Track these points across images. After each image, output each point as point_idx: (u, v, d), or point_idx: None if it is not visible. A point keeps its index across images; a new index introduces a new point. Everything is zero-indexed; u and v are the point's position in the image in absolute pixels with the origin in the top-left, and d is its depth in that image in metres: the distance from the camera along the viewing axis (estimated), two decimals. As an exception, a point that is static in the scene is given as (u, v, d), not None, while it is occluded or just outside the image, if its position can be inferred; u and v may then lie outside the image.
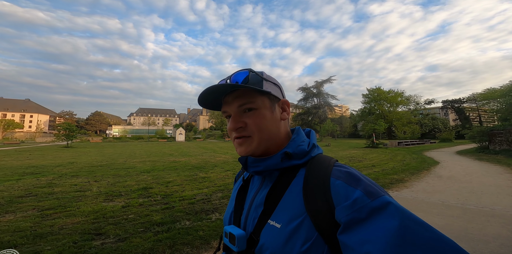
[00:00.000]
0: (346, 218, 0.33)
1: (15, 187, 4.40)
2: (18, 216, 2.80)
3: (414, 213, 0.33)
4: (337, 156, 11.09)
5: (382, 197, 0.34)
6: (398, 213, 0.32)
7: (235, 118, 0.46)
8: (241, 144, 0.45)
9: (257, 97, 0.45)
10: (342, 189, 0.36)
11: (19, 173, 6.26)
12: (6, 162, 9.13)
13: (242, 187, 0.52)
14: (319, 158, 0.45)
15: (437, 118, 45.42)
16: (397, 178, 5.54)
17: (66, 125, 22.89)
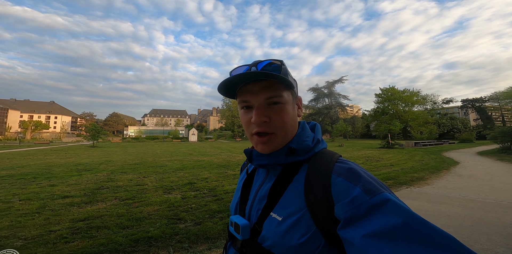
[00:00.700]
0: (345, 215, 0.34)
1: (84, 181, 5.18)
2: (109, 204, 3.44)
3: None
4: (352, 156, 11.32)
5: (381, 194, 0.34)
6: (397, 210, 0.32)
7: (260, 111, 0.43)
8: (265, 143, 0.44)
9: (285, 91, 0.44)
10: (342, 186, 0.37)
11: (74, 169, 7.16)
12: (52, 160, 10.24)
13: (247, 179, 0.53)
14: (322, 153, 0.45)
15: (456, 118, 43.60)
16: (417, 176, 5.83)
17: (92, 126, 24.58)
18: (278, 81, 0.43)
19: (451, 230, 2.49)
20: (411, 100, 39.72)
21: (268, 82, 0.43)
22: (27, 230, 2.42)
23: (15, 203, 3.38)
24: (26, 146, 23.41)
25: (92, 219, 2.77)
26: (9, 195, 3.85)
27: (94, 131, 23.97)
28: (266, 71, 0.40)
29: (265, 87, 0.43)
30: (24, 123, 47.25)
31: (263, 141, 0.44)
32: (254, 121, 0.43)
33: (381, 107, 42.02)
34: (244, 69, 0.45)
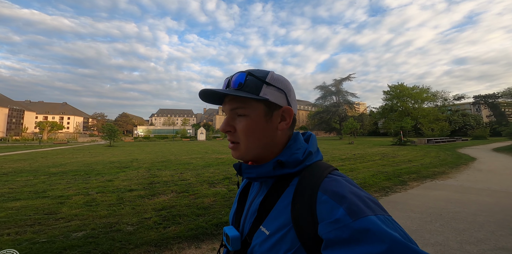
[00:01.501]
0: (327, 235, 0.33)
1: (133, 177, 5.70)
2: (170, 196, 3.89)
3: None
4: (367, 153, 11.56)
5: (365, 217, 0.32)
6: (383, 237, 0.29)
7: (226, 120, 0.46)
8: (232, 149, 0.47)
9: (251, 103, 0.44)
10: (327, 205, 0.35)
11: (112, 166, 7.77)
12: (84, 158, 10.95)
13: (243, 190, 0.55)
14: (315, 166, 0.43)
15: (469, 114, 42.75)
16: (438, 171, 6.11)
17: (109, 127, 25.53)
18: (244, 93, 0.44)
19: (485, 214, 2.83)
20: (421, 97, 39.13)
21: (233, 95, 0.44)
22: (126, 218, 2.87)
23: (94, 195, 3.90)
24: (47, 146, 24.54)
25: (168, 209, 3.24)
26: (82, 189, 4.38)
27: (111, 131, 24.90)
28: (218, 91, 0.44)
29: (231, 99, 0.45)
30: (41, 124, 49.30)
31: (231, 147, 0.47)
32: (219, 129, 0.47)
33: (390, 104, 41.56)
34: (226, 81, 0.48)
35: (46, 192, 4.02)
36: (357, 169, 6.49)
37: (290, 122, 0.47)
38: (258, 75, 0.45)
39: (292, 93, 0.49)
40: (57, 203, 3.42)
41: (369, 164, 7.48)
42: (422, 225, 2.54)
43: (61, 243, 2.17)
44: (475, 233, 2.29)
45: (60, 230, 2.47)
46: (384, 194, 3.97)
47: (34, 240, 2.24)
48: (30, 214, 2.98)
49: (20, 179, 5.45)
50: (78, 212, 3.05)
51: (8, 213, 2.99)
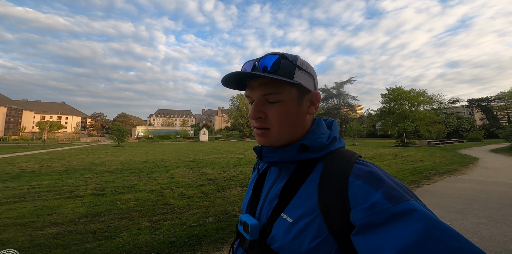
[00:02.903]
0: (361, 221, 0.31)
1: (186, 174, 6.21)
2: (239, 190, 4.44)
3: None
4: (376, 153, 12.38)
5: (406, 202, 0.31)
6: (423, 219, 0.28)
7: (256, 107, 0.43)
8: (260, 135, 0.44)
9: (285, 88, 0.42)
10: (361, 190, 0.34)
11: (152, 165, 8.34)
12: (111, 158, 11.40)
13: (259, 178, 0.52)
14: (340, 152, 0.42)
15: (463, 117, 44.54)
16: (451, 168, 6.94)
17: (118, 127, 25.79)
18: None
19: (508, 199, 3.58)
20: (417, 100, 40.64)
21: (266, 78, 0.41)
22: (228, 206, 3.36)
23: (179, 190, 4.40)
24: (54, 146, 24.54)
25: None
26: (160, 184, 4.90)
27: (119, 131, 25.17)
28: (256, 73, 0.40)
29: (263, 83, 0.42)
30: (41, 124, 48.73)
31: (259, 134, 0.44)
32: (249, 116, 0.43)
33: (388, 107, 42.95)
34: (251, 64, 0.44)
35: (134, 187, 4.56)
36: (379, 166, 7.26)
37: (318, 107, 0.46)
38: (291, 59, 0.42)
39: (317, 78, 0.48)
40: (158, 195, 3.94)
41: (387, 163, 8.27)
42: (466, 205, 3.29)
43: (208, 225, 2.60)
44: (509, 210, 3.04)
45: (192, 216, 2.93)
46: (416, 185, 4.72)
47: (187, 224, 2.65)
48: (150, 204, 3.41)
49: (86, 176, 5.99)
50: (185, 202, 3.54)
51: (133, 205, 3.38)
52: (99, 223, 2.67)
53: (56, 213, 2.97)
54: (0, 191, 4.15)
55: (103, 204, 3.38)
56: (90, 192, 4.05)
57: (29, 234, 2.34)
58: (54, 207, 3.19)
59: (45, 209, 3.09)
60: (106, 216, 2.90)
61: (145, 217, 2.90)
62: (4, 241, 2.17)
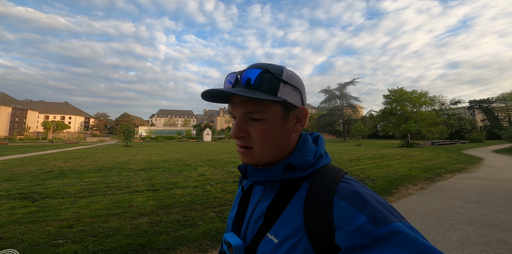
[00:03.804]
0: (346, 244, 0.31)
1: (215, 173, 6.76)
2: None
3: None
4: (384, 153, 12.84)
5: (390, 224, 0.30)
6: (408, 243, 0.28)
7: (238, 125, 0.41)
8: (243, 154, 0.43)
9: (268, 105, 0.40)
10: (345, 211, 0.33)
11: (175, 164, 8.82)
12: (130, 158, 11.87)
13: (244, 195, 0.51)
14: (326, 170, 0.41)
15: (464, 118, 45.04)
16: (459, 167, 7.42)
17: (126, 127, 26.29)
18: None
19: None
20: (419, 101, 41.12)
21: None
22: None
23: (216, 186, 4.86)
24: (64, 146, 24.98)
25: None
26: (194, 182, 5.36)
27: (128, 131, 25.67)
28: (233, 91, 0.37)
29: (245, 101, 0.40)
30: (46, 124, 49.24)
31: (242, 152, 0.42)
32: (231, 135, 0.41)
33: (389, 108, 43.45)
34: (234, 77, 0.42)
35: (177, 184, 4.99)
36: (392, 165, 7.75)
37: (305, 123, 0.44)
38: (275, 72, 0.40)
39: (305, 92, 0.45)
40: (204, 191, 4.37)
41: (398, 162, 8.75)
42: (480, 198, 3.77)
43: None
44: (516, 201, 3.53)
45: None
46: (431, 182, 5.20)
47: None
48: (203, 198, 3.79)
49: (124, 174, 6.48)
50: (231, 196, 3.95)
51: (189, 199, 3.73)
52: (175, 214, 3.09)
53: (134, 206, 3.36)
54: (63, 187, 4.62)
55: (164, 198, 3.82)
56: (145, 188, 4.51)
57: (130, 222, 2.74)
58: (127, 201, 3.61)
59: (121, 202, 3.50)
60: (176, 208, 3.33)
61: (207, 208, 3.33)
62: (115, 228, 2.55)
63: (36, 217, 2.83)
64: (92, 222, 2.68)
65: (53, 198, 3.69)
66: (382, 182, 5.00)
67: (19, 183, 4.85)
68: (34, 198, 3.67)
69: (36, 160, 10.18)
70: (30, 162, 9.27)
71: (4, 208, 3.15)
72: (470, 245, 2.14)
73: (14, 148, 19.96)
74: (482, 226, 2.57)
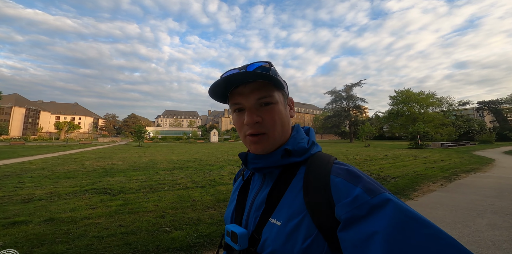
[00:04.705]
0: (346, 215, 0.34)
1: None
2: None
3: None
4: (396, 154, 13.17)
5: (381, 194, 0.34)
6: (397, 210, 0.32)
7: (252, 112, 0.44)
8: (257, 142, 0.45)
9: (275, 91, 0.45)
10: (342, 186, 0.37)
11: (200, 164, 9.40)
12: (150, 158, 12.47)
13: (243, 186, 0.53)
14: (319, 155, 0.46)
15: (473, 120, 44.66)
16: (473, 167, 7.79)
17: (139, 128, 27.11)
18: (267, 82, 0.44)
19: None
20: (427, 102, 40.98)
21: (258, 83, 0.44)
22: None
23: None
24: (78, 146, 25.83)
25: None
26: (230, 179, 5.88)
27: (140, 132, 26.49)
28: (258, 72, 0.42)
29: (256, 88, 0.44)
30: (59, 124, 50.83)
31: (255, 141, 0.45)
32: (247, 123, 0.44)
33: (396, 109, 43.40)
34: (236, 72, 0.44)
35: (216, 181, 5.49)
36: (408, 165, 8.16)
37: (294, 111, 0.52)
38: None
39: None
40: None
41: (412, 162, 9.14)
42: (498, 193, 4.20)
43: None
44: (530, 196, 3.96)
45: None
46: (448, 180, 5.63)
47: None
48: None
49: (161, 173, 7.07)
50: None
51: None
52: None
53: (196, 200, 3.73)
54: (121, 183, 5.21)
55: (215, 193, 4.28)
56: (192, 185, 5.03)
57: (203, 213, 3.08)
58: (186, 196, 4.06)
59: (183, 197, 3.94)
60: (232, 202, 3.88)
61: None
62: (196, 218, 2.90)
63: (129, 209, 3.28)
64: (175, 213, 3.15)
65: (125, 193, 4.22)
66: (403, 180, 5.45)
67: (81, 180, 5.46)
68: (110, 193, 4.21)
69: (69, 159, 10.91)
70: (66, 161, 9.99)
71: (94, 201, 3.69)
72: (498, 228, 2.60)
73: (34, 148, 20.88)
74: (505, 215, 3.01)
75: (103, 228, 2.59)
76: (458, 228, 2.64)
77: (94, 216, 2.97)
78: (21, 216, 2.95)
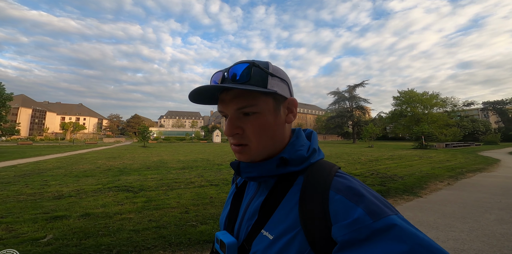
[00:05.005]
0: (343, 238, 0.31)
1: None
2: None
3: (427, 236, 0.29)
4: (401, 154, 13.25)
5: (386, 217, 0.31)
6: (405, 236, 0.29)
7: (231, 122, 0.41)
8: (240, 152, 0.42)
9: (260, 98, 0.40)
10: (342, 205, 0.33)
11: (208, 164, 9.62)
12: (159, 158, 12.72)
13: (237, 192, 0.50)
14: (320, 164, 0.41)
15: (478, 120, 44.33)
16: (478, 167, 7.89)
17: (144, 128, 27.45)
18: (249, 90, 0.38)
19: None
20: (430, 103, 40.80)
21: (238, 90, 0.39)
22: None
23: None
24: (85, 146, 26.28)
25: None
26: None
27: (145, 133, 26.83)
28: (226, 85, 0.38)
29: (236, 96, 0.40)
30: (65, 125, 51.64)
31: (238, 150, 0.42)
32: (225, 133, 0.41)
33: (399, 109, 43.27)
34: (220, 75, 0.42)
35: (228, 180, 5.74)
36: (414, 165, 8.29)
37: (296, 114, 0.45)
38: (262, 66, 0.41)
39: (291, 84, 0.46)
40: None
41: (418, 162, 9.26)
42: (504, 192, 4.35)
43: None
44: (535, 194, 4.10)
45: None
46: (455, 179, 5.76)
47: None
48: None
49: (173, 172, 7.30)
50: None
51: None
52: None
53: (213, 197, 3.92)
54: (139, 182, 5.44)
55: None
56: (206, 183, 5.23)
57: None
58: (203, 193, 4.24)
59: (201, 194, 4.14)
60: (247, 197, 4.09)
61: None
62: (216, 214, 3.03)
63: (153, 205, 3.47)
64: (197, 209, 3.34)
65: (146, 190, 4.44)
66: (411, 179, 5.60)
67: (101, 179, 5.71)
68: (132, 190, 4.43)
69: (81, 159, 11.21)
70: (79, 161, 10.29)
71: (120, 197, 3.91)
72: (506, 223, 2.76)
73: (42, 148, 21.30)
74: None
75: (136, 223, 2.80)
76: (468, 222, 2.80)
77: (125, 212, 3.18)
78: (58, 211, 3.19)
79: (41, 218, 2.92)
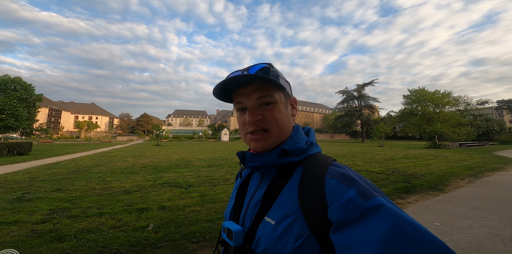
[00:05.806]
0: (338, 217, 0.34)
1: None
2: None
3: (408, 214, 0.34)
4: (415, 154, 13.37)
5: (375, 197, 0.35)
6: (390, 215, 0.33)
7: (253, 110, 0.47)
8: (258, 139, 0.47)
9: (275, 91, 0.48)
10: (336, 188, 0.37)
11: (230, 162, 10.12)
12: (178, 156, 13.24)
13: (242, 185, 0.55)
14: (317, 156, 0.46)
15: (492, 119, 43.14)
16: (497, 166, 8.07)
17: (157, 127, 28.37)
18: (268, 83, 0.46)
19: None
20: (442, 101, 40.00)
21: (258, 84, 0.47)
22: None
23: None
24: (102, 145, 27.00)
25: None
26: None
27: (159, 131, 27.72)
28: (256, 74, 0.45)
29: (256, 89, 0.47)
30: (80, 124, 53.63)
31: (256, 138, 0.47)
32: (248, 121, 0.47)
33: (409, 108, 42.61)
34: (238, 74, 0.48)
35: None
36: (431, 164, 8.55)
37: (297, 110, 0.53)
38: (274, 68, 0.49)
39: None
40: None
41: (435, 161, 9.47)
42: (525, 188, 4.66)
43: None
44: (556, 192, 4.39)
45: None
46: (475, 177, 6.04)
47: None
48: None
49: (204, 170, 7.84)
50: None
51: None
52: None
53: None
54: (179, 179, 5.98)
55: None
56: None
57: None
58: None
59: None
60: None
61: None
62: None
63: (209, 199, 3.81)
64: None
65: (194, 186, 4.90)
66: (432, 177, 5.94)
67: (146, 175, 6.25)
68: (182, 186, 4.87)
69: (109, 157, 11.95)
70: (110, 159, 10.99)
71: (176, 192, 4.32)
72: (529, 215, 3.12)
73: (63, 146, 22.26)
74: (534, 206, 3.51)
75: (206, 214, 3.10)
76: (496, 214, 3.17)
77: (190, 205, 3.56)
78: (137, 204, 3.52)
79: (130, 209, 3.27)
